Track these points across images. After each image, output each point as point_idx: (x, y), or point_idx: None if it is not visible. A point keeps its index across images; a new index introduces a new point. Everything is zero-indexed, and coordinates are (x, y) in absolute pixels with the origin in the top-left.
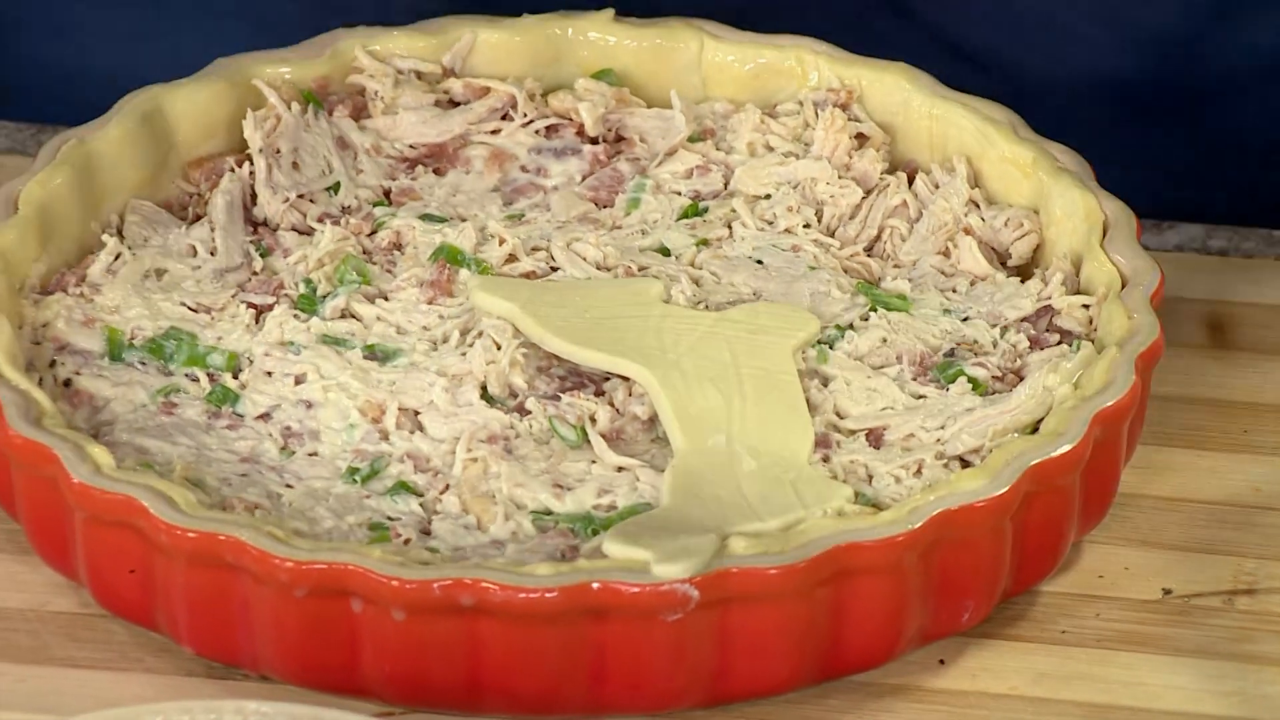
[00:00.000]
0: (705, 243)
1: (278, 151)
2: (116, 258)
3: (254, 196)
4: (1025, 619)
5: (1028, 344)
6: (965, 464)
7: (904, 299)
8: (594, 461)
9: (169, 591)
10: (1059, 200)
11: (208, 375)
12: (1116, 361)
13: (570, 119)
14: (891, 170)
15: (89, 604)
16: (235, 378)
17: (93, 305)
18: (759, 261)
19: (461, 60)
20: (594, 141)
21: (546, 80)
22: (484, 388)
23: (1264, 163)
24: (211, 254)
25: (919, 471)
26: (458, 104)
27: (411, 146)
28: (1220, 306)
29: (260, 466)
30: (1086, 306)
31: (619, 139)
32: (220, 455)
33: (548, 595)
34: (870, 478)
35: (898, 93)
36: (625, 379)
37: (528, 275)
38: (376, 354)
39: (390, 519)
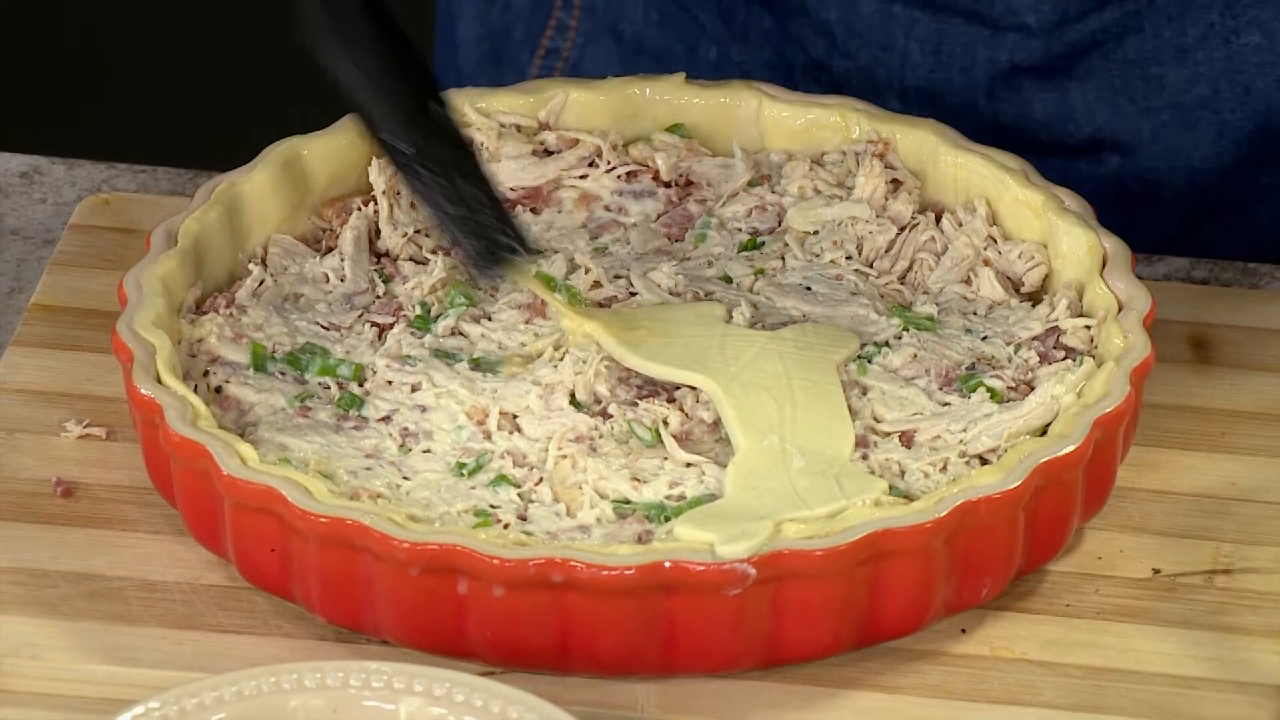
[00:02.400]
0: (761, 272)
1: (398, 193)
2: (260, 284)
3: (378, 231)
4: (1035, 594)
5: (1038, 359)
6: (984, 462)
7: (932, 320)
8: (666, 459)
9: (303, 568)
10: (1065, 237)
11: (337, 384)
12: (1114, 374)
13: (647, 166)
14: (921, 211)
15: (236, 578)
16: (360, 386)
17: (240, 324)
18: (808, 288)
19: (555, 116)
20: (667, 185)
21: (627, 133)
22: (572, 395)
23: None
24: (341, 280)
25: (944, 468)
26: (551, 153)
27: (512, 189)
28: (1202, 328)
29: (381, 462)
30: (1088, 327)
31: (688, 183)
32: (348, 452)
33: (626, 573)
34: (902, 473)
35: (927, 145)
36: (693, 389)
37: (609, 300)
38: (481, 366)
39: (492, 507)
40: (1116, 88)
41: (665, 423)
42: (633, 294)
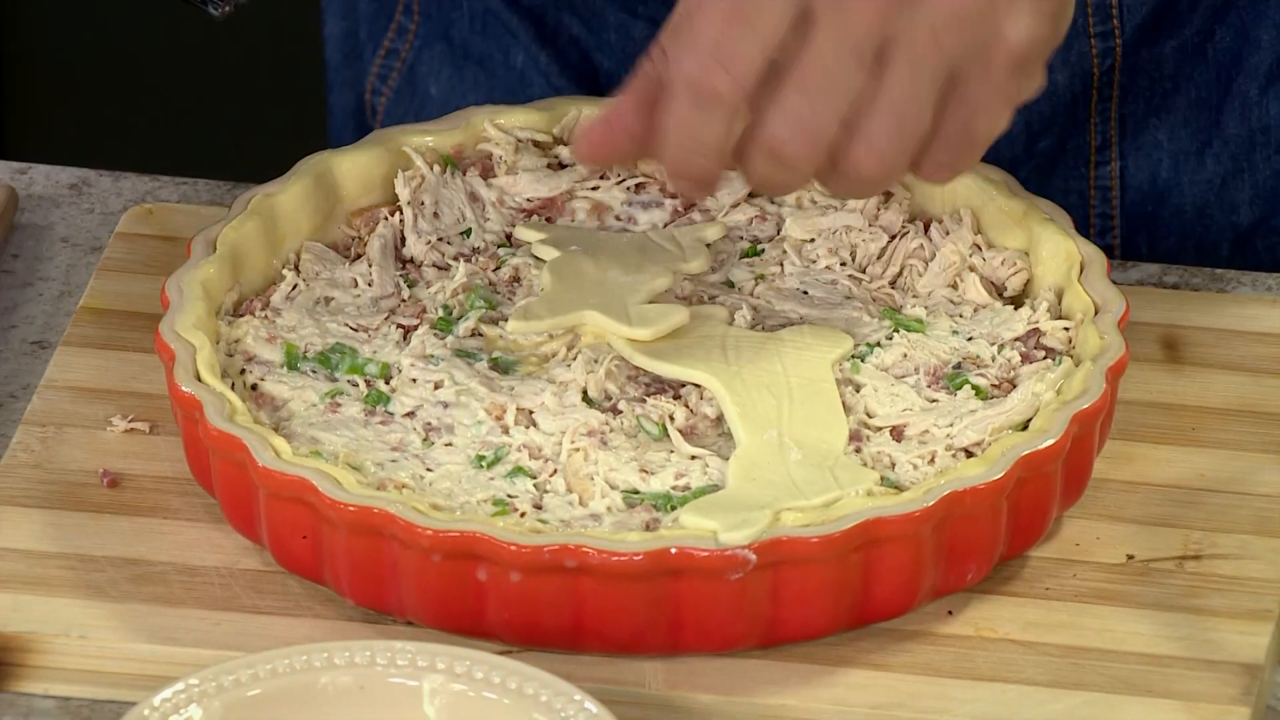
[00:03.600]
0: (762, 277)
1: (422, 204)
2: (294, 288)
3: (403, 239)
4: (1017, 578)
5: (1020, 359)
6: (969, 454)
7: (920, 322)
8: (672, 452)
9: (333, 554)
10: (1045, 244)
11: (365, 381)
12: (1091, 373)
13: (654, 178)
14: (911, 220)
15: (270, 563)
16: (387, 383)
17: (274, 325)
18: (805, 292)
19: (568, 131)
20: (673, 196)
21: None
22: (585, 392)
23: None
24: (369, 285)
25: (932, 460)
26: (565, 166)
27: (528, 200)
28: (1173, 330)
29: (406, 454)
30: (1067, 329)
31: None
32: (375, 445)
33: (635, 558)
34: (893, 465)
35: None
36: (697, 386)
37: None
38: (499, 365)
39: (510, 496)
40: None
41: (671, 418)
42: None
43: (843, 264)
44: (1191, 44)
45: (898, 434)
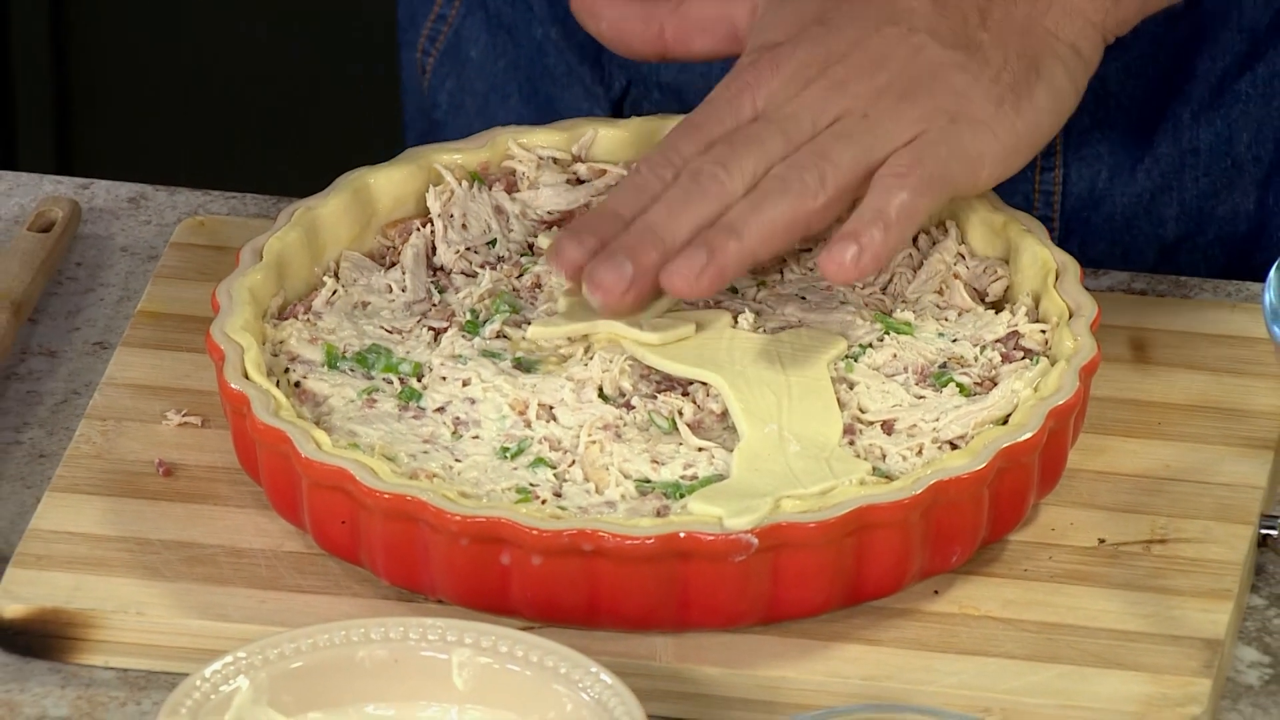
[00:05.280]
0: (763, 284)
1: (451, 216)
2: (333, 293)
3: (434, 249)
4: (997, 560)
5: (1000, 359)
6: (954, 446)
7: (909, 325)
8: (681, 444)
9: (370, 537)
10: (1024, 254)
11: (399, 379)
12: (1065, 372)
13: None
14: None
15: (312, 546)
16: (419, 381)
17: (316, 328)
18: (802, 298)
19: (586, 149)
20: None
21: None
22: (600, 389)
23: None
24: (402, 291)
25: (920, 452)
26: (583, 182)
27: (549, 212)
28: (1141, 332)
29: (437, 446)
30: (1043, 331)
31: None
32: (408, 438)
33: (647, 542)
34: (884, 456)
35: None
36: (704, 384)
37: None
38: (522, 364)
39: (531, 485)
40: None
41: (680, 413)
42: None
43: None
44: (1134, 66)
45: (888, 428)
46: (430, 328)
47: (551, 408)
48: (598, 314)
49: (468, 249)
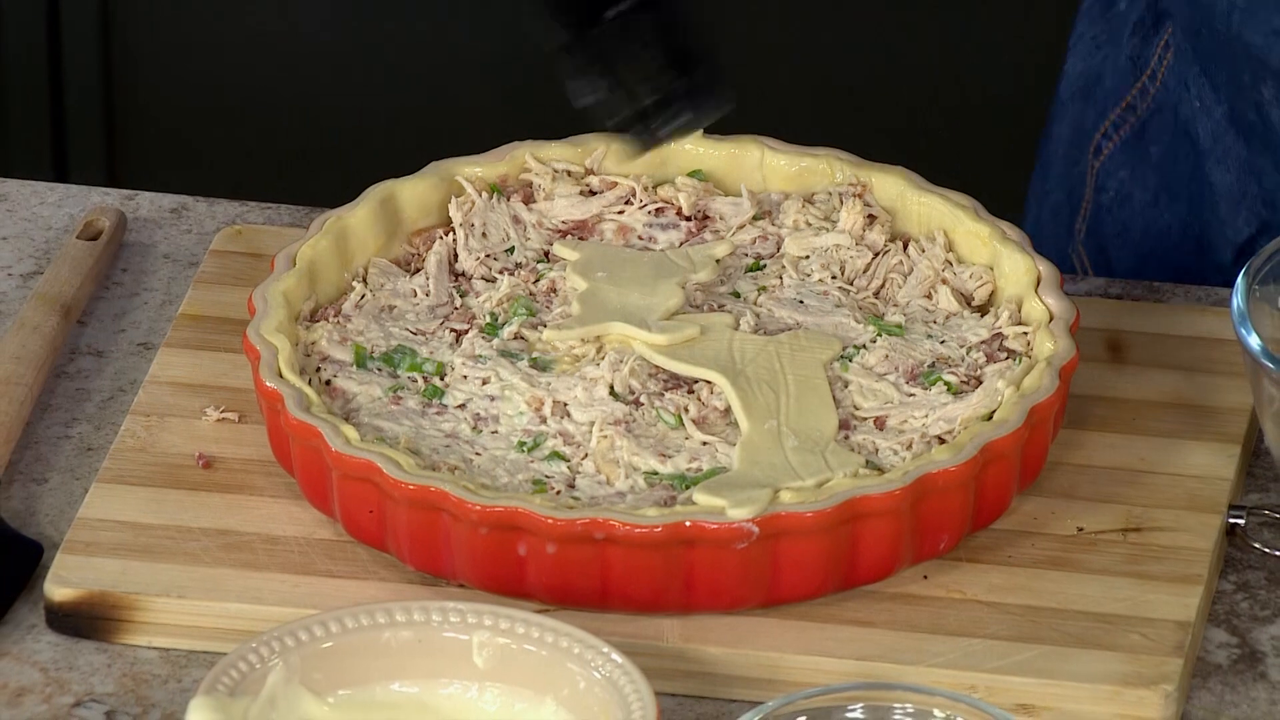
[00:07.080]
0: (764, 289)
1: (472, 225)
2: (362, 298)
3: (456, 256)
4: (983, 548)
5: (985, 359)
6: (941, 441)
7: (900, 328)
8: (687, 439)
9: (395, 526)
10: (1007, 261)
11: (423, 378)
12: (1046, 371)
13: (672, 204)
14: (892, 240)
15: (341, 534)
16: (441, 380)
17: (345, 330)
18: (800, 302)
19: (598, 163)
20: (688, 219)
21: (656, 177)
22: (611, 388)
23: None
24: (426, 295)
25: (910, 447)
26: (595, 193)
27: (563, 222)
28: (1117, 334)
29: (458, 440)
30: (1026, 334)
31: (705, 217)
32: (431, 433)
33: (655, 530)
34: (876, 451)
35: (896, 187)
36: (708, 382)
37: None
38: (538, 364)
39: (546, 477)
40: None
41: (686, 410)
42: None
43: (833, 277)
44: None
45: (880, 424)
46: (452, 329)
47: (566, 405)
48: (610, 317)
49: (487, 256)
